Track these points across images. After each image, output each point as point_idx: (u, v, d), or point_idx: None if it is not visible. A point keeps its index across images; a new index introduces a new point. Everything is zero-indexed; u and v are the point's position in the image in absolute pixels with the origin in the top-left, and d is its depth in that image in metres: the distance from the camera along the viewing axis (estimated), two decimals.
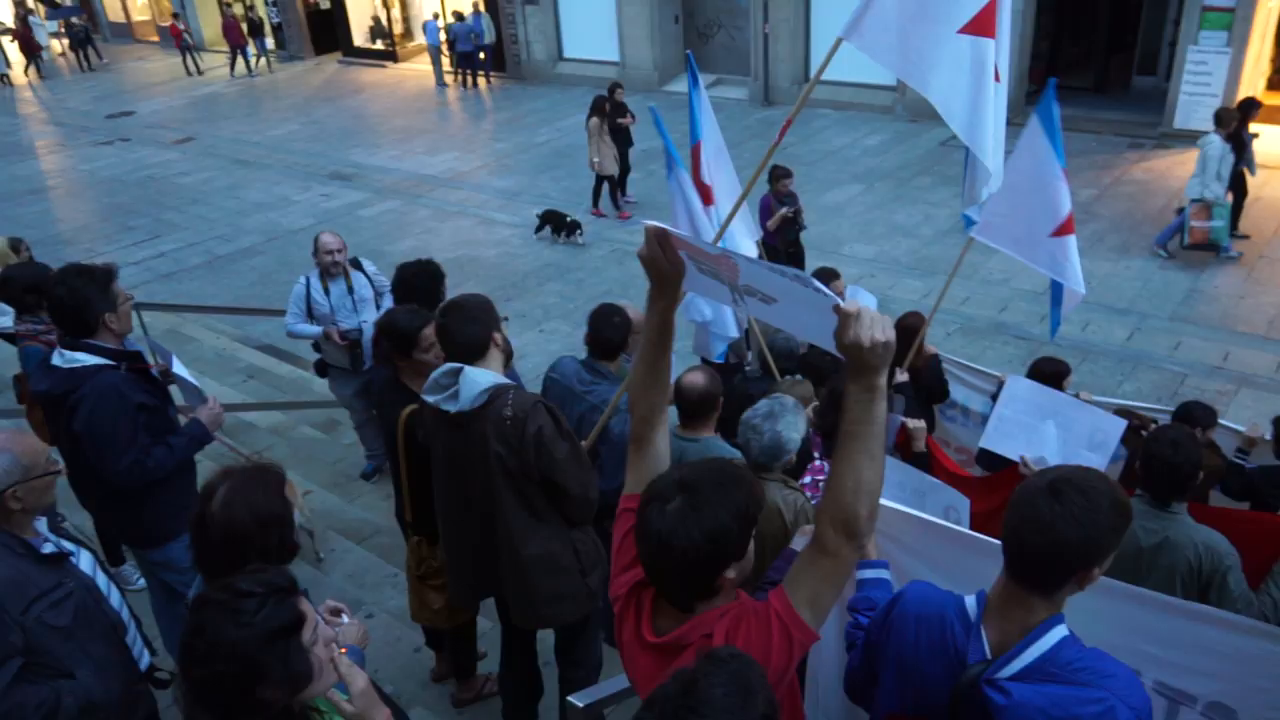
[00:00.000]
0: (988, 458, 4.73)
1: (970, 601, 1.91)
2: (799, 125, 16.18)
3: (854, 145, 15.06)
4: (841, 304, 1.72)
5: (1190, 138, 13.41)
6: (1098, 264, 10.44)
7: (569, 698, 2.96)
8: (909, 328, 5.96)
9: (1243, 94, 13.49)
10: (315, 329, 5.88)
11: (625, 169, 12.94)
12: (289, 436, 7.50)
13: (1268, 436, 4.99)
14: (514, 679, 3.89)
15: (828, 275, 6.52)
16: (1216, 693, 2.09)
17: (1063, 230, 4.94)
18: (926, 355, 5.74)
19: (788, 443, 3.07)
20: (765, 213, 9.13)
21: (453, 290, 4.41)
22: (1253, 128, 10.55)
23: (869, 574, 2.32)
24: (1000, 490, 4.06)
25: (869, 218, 12.18)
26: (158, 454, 3.68)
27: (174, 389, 4.08)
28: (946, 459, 4.24)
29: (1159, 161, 13.24)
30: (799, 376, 5.14)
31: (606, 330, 4.10)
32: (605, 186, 12.78)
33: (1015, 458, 3.91)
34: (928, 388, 5.73)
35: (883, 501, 2.52)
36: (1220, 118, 9.92)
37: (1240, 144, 10.03)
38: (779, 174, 9.09)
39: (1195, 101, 13.44)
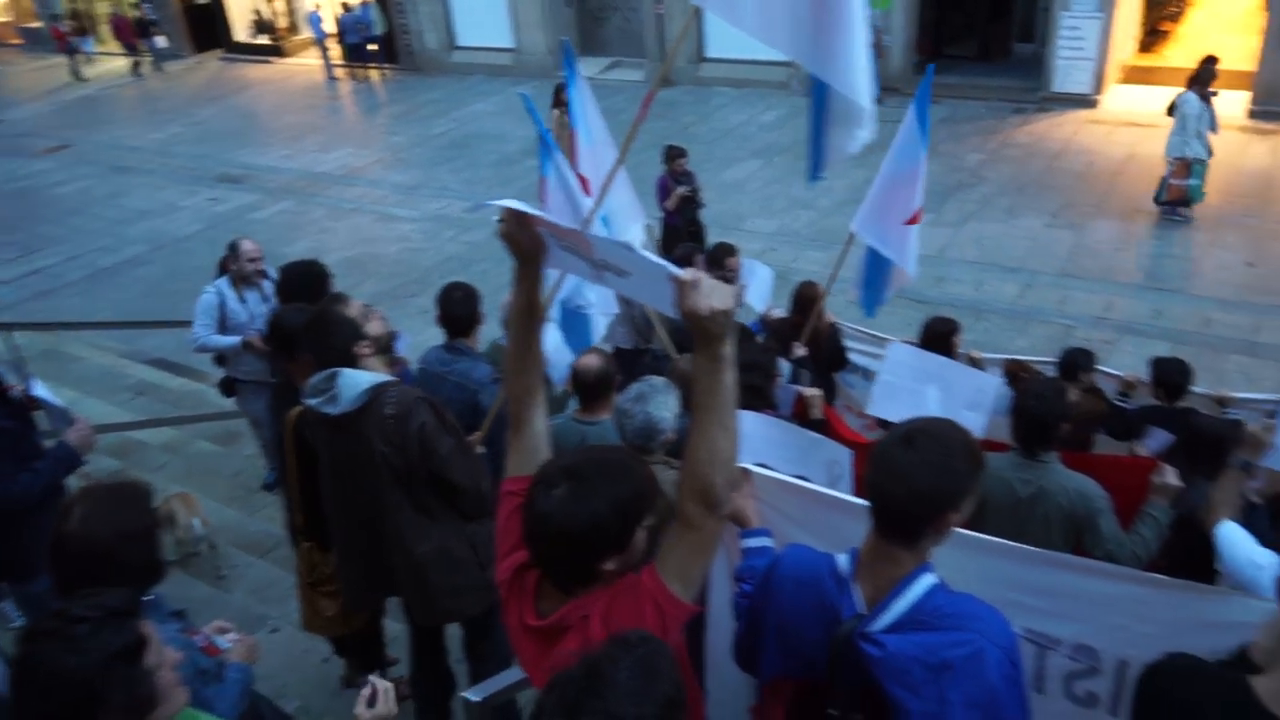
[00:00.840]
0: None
1: (842, 560, 1.94)
2: (696, 104, 16.36)
3: (751, 122, 15.19)
4: (678, 273, 1.72)
5: (1068, 100, 13.96)
6: (988, 226, 10.79)
7: (463, 693, 2.91)
8: (806, 297, 6.05)
9: (1115, 57, 14.07)
10: (230, 340, 5.64)
11: None
12: (184, 452, 7.22)
13: (1145, 379, 5.22)
14: (425, 679, 3.83)
15: (724, 251, 6.55)
16: (1079, 634, 2.17)
17: (913, 220, 5.11)
18: (825, 324, 5.82)
19: (660, 422, 3.07)
20: (663, 193, 9.14)
21: (352, 290, 4.33)
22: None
23: (752, 543, 2.34)
24: None
25: (769, 192, 12.31)
26: (23, 480, 3.49)
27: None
28: (843, 426, 4.31)
29: (1041, 124, 13.69)
30: None
31: (452, 307, 4.16)
32: None
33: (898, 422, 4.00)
34: (828, 356, 5.82)
35: (762, 470, 2.55)
36: (1199, 75, 9.90)
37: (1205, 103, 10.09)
38: (673, 154, 9.11)
39: (1071, 65, 13.93)
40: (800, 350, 5.32)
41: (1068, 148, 12.75)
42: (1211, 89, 9.89)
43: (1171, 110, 9.99)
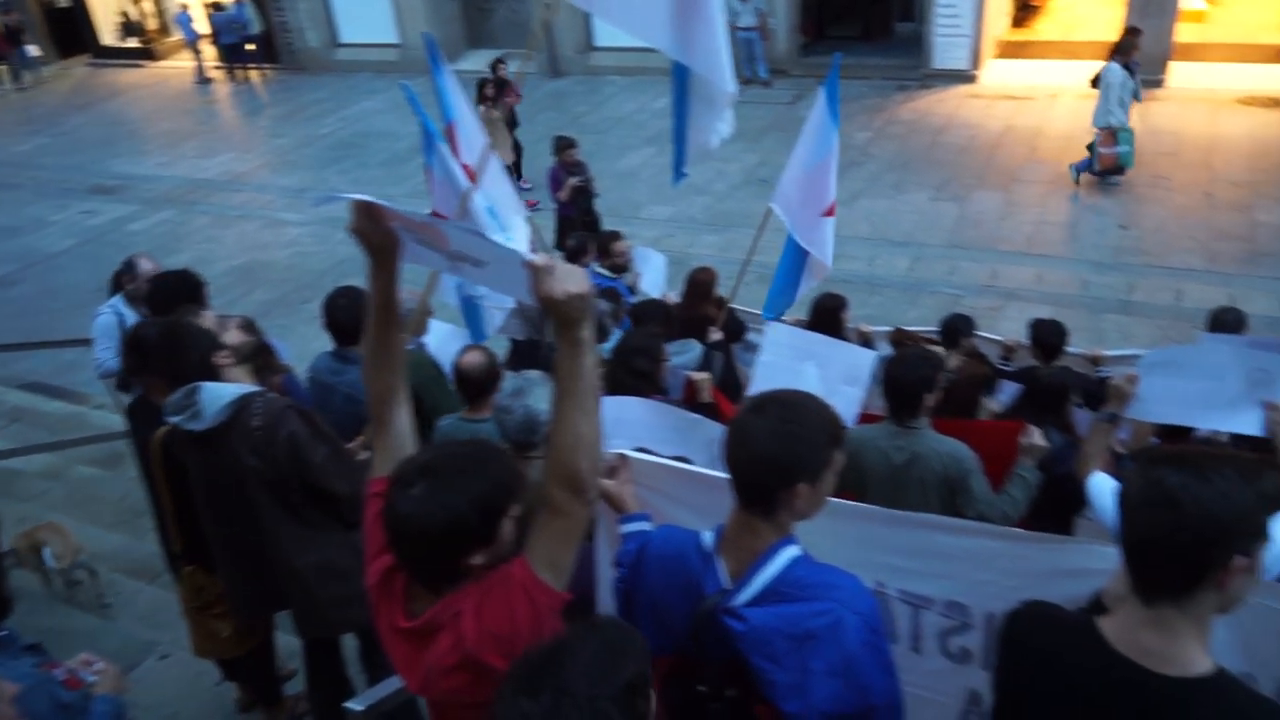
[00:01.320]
0: None
1: (707, 536, 1.95)
2: (587, 94, 16.29)
3: (643, 109, 15.20)
4: (532, 259, 1.70)
5: (949, 77, 14.38)
6: (877, 202, 11.04)
7: (345, 704, 2.83)
8: (700, 283, 6.09)
9: (989, 33, 14.54)
10: None
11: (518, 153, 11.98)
12: (64, 478, 6.85)
13: (1025, 342, 5.42)
14: (322, 691, 3.72)
15: (610, 238, 6.54)
16: (950, 591, 2.23)
17: (829, 212, 5.20)
18: (721, 306, 5.87)
19: (540, 415, 3.04)
20: (555, 184, 9.09)
21: (242, 299, 4.16)
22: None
23: (630, 527, 2.33)
24: None
25: (663, 179, 12.18)
26: None
27: None
28: (731, 408, 4.34)
29: (923, 101, 14.06)
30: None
31: (337, 314, 4.05)
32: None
33: None
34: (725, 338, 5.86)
35: (640, 455, 2.54)
36: (1120, 46, 10.17)
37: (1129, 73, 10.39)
38: (563, 145, 9.05)
39: (949, 42, 14.35)
40: (716, 335, 5.35)
41: (950, 123, 13.14)
42: (1134, 58, 10.19)
43: (1096, 82, 10.29)
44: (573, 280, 1.72)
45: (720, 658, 1.84)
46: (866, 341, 5.57)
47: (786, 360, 4.14)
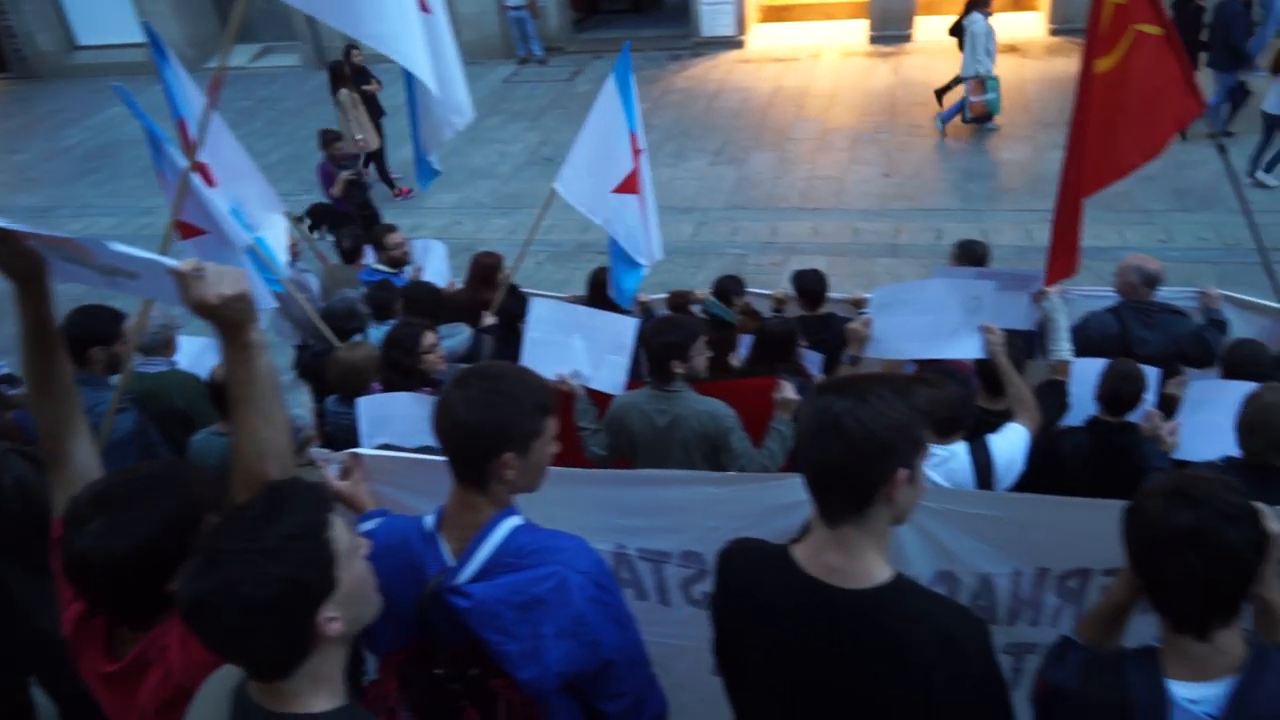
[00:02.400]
0: None
1: (428, 519, 1.92)
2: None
3: None
4: (175, 265, 1.60)
5: (718, 44, 14.80)
6: (660, 171, 11.11)
7: None
8: (485, 267, 5.99)
9: (753, 0, 15.08)
10: None
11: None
12: None
13: (792, 293, 5.66)
14: None
15: (383, 231, 6.33)
16: (684, 543, 2.30)
17: (624, 188, 5.19)
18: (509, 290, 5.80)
19: (295, 420, 2.91)
20: (327, 179, 8.71)
21: None
22: None
23: (366, 526, 2.25)
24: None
25: (446, 165, 11.84)
26: None
27: None
28: None
29: (696, 69, 14.42)
30: (359, 337, 4.96)
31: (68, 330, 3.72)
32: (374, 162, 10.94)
33: (553, 377, 4.06)
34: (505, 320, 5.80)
35: (376, 452, 2.47)
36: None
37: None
38: (330, 138, 8.69)
39: (715, 10, 14.78)
40: (489, 319, 5.27)
41: (722, 88, 13.54)
42: (988, 9, 10.67)
43: (955, 31, 10.73)
44: (228, 282, 1.65)
45: (453, 638, 1.81)
46: (648, 311, 5.66)
47: (553, 335, 4.14)
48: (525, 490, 1.88)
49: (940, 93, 11.59)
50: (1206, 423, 3.32)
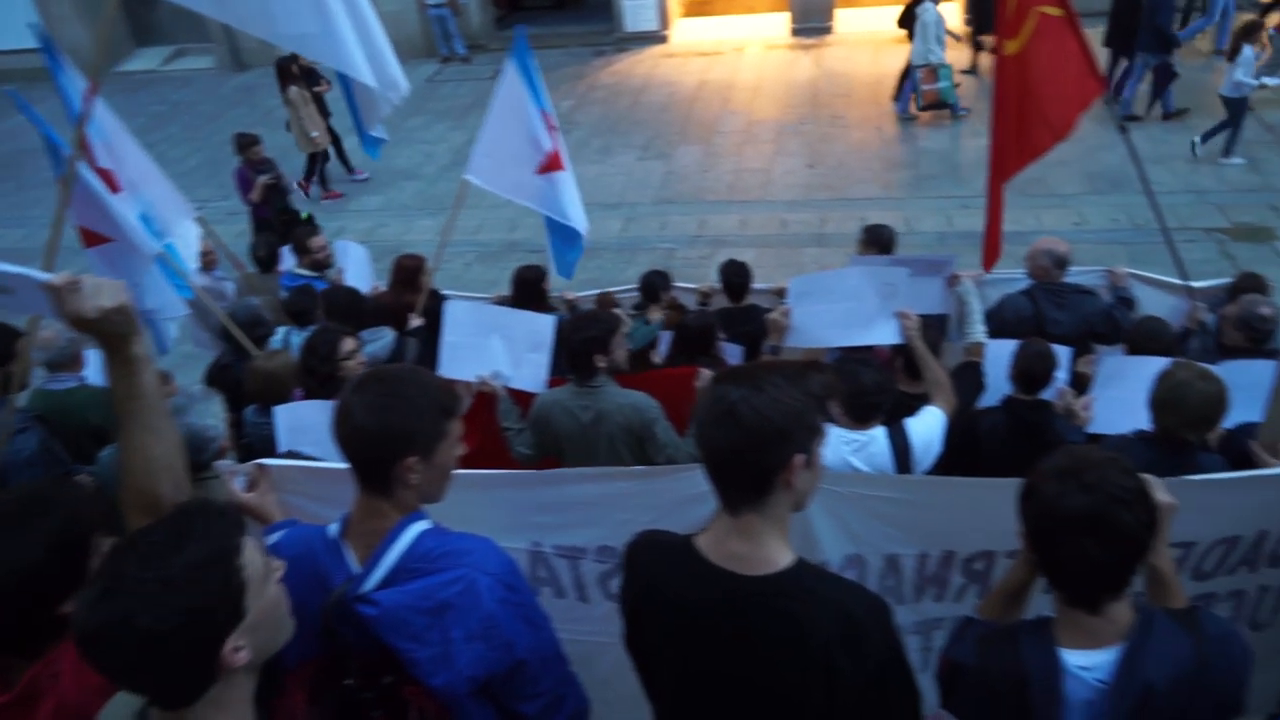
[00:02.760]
0: None
1: (333, 527, 1.88)
2: (276, 87, 15.24)
3: (335, 97, 14.51)
4: (48, 279, 1.56)
5: (642, 39, 14.82)
6: (587, 168, 11.18)
7: None
8: (408, 268, 5.89)
9: None
10: None
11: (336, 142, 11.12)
12: None
13: (719, 286, 5.68)
14: None
15: (305, 234, 6.19)
16: (598, 538, 2.30)
17: (547, 168, 5.15)
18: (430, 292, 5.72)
19: (207, 430, 2.84)
20: (244, 184, 8.50)
21: None
22: None
23: (273, 539, 2.20)
24: (470, 418, 4.21)
25: (371, 168, 11.86)
26: None
27: None
28: None
29: (621, 64, 14.42)
30: (279, 344, 4.86)
31: None
32: (318, 163, 10.89)
33: (473, 379, 4.03)
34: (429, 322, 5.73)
35: (284, 462, 2.41)
36: None
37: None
38: (245, 142, 8.47)
39: (638, 6, 14.79)
40: (416, 321, 5.19)
41: (648, 83, 13.56)
42: None
43: (904, 22, 10.76)
44: (105, 294, 1.60)
45: (362, 647, 1.78)
46: (574, 309, 5.64)
47: (470, 337, 4.09)
48: (430, 495, 1.85)
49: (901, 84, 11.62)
50: (1118, 397, 3.42)
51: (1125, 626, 1.61)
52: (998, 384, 4.12)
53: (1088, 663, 1.60)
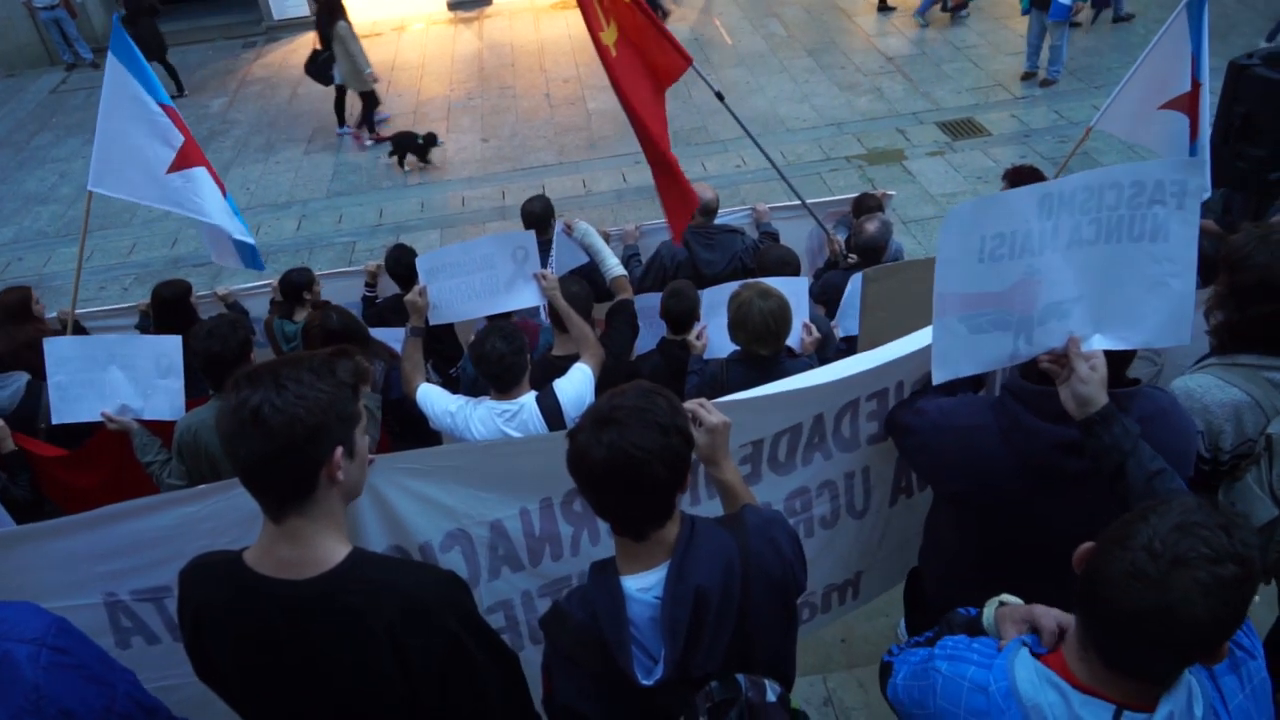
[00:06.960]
0: None
1: None
2: None
3: None
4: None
5: (293, 26, 14.01)
6: (250, 168, 10.50)
7: None
8: (9, 304, 5.20)
9: None
10: None
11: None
12: None
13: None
14: None
15: None
16: (177, 573, 2.13)
17: (181, 165, 4.69)
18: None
19: None
20: None
21: None
22: None
23: None
24: (97, 459, 3.83)
25: None
26: None
27: None
28: (35, 444, 3.79)
29: (275, 55, 13.57)
30: None
31: None
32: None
33: (97, 418, 3.64)
34: None
35: None
36: None
37: None
38: None
39: None
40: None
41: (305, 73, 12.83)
42: None
43: None
44: None
45: None
46: (235, 308, 5.29)
47: (82, 374, 3.68)
48: None
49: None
50: (722, 324, 3.64)
51: (672, 543, 1.71)
52: (658, 330, 4.32)
53: (644, 584, 1.68)
